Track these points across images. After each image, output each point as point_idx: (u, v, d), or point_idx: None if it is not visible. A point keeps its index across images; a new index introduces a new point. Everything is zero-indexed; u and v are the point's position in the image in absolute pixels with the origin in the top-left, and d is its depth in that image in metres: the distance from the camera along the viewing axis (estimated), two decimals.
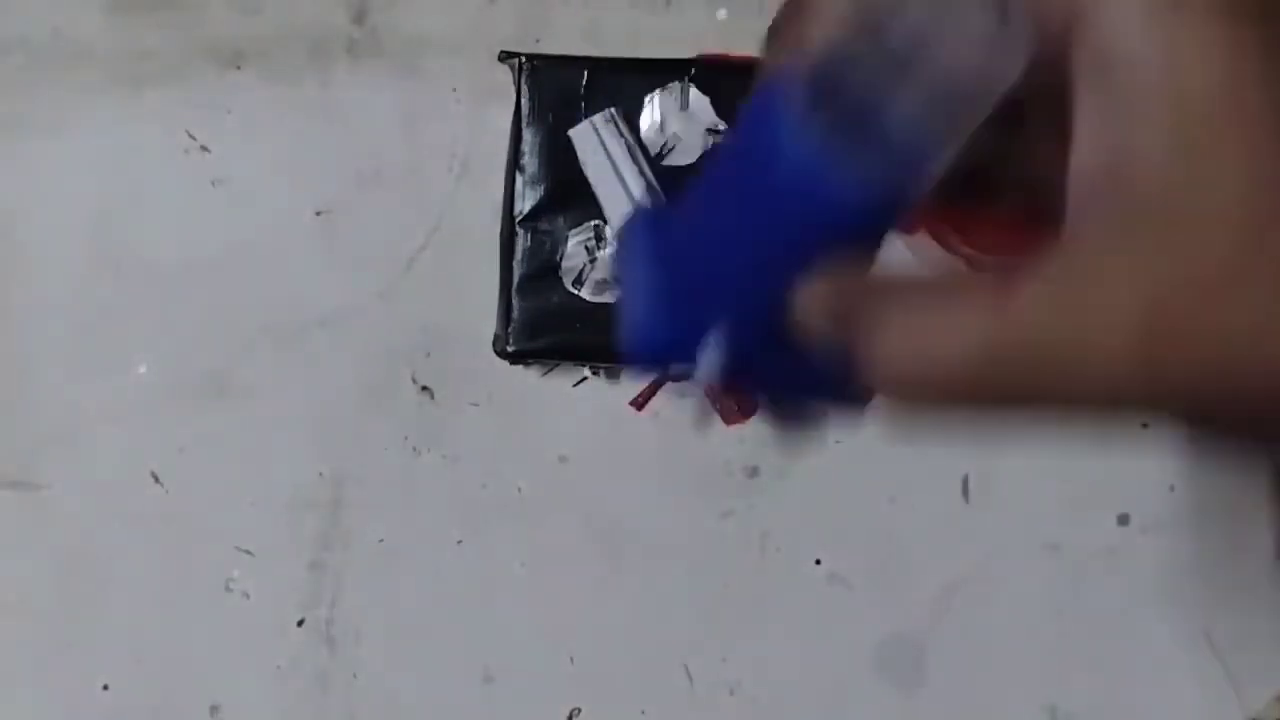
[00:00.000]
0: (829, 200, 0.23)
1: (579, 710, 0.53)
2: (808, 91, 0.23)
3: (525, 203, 0.52)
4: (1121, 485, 0.52)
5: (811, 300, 0.24)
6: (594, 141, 0.51)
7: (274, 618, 0.53)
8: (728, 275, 0.24)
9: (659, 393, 0.51)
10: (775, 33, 0.26)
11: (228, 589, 0.53)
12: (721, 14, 0.54)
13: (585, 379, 0.53)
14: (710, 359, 0.24)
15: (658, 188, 0.51)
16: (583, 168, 0.51)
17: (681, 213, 0.26)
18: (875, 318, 0.23)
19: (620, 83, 0.52)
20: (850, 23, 0.22)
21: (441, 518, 0.53)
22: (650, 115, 0.52)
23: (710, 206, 0.25)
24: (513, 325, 0.52)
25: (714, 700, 0.53)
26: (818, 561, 0.53)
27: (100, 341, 0.54)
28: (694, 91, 0.51)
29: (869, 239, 0.25)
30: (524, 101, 0.52)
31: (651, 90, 0.52)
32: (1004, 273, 0.22)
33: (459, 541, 0.53)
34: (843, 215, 0.23)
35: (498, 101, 0.53)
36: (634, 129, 0.52)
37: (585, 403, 0.53)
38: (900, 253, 0.53)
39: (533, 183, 0.52)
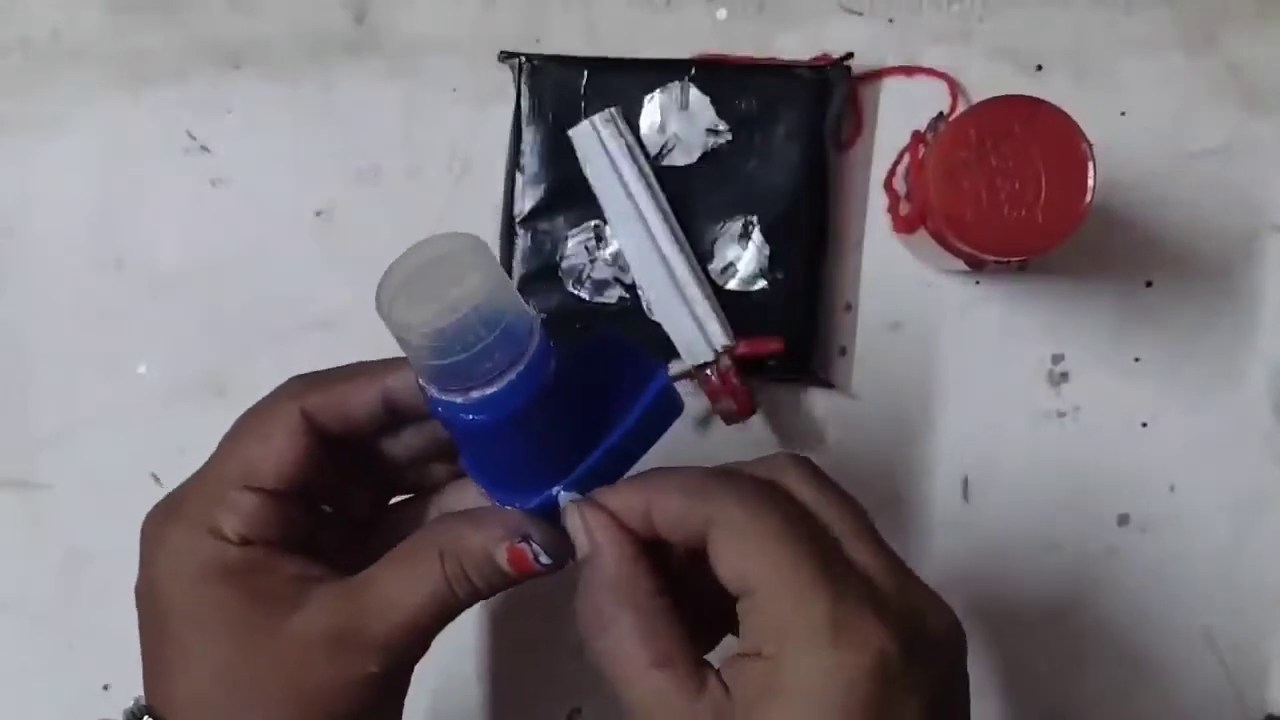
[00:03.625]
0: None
1: (579, 710, 0.53)
2: None
3: (525, 203, 0.52)
4: (1121, 485, 0.53)
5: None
6: (594, 141, 0.51)
7: None
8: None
9: None
10: None
11: None
12: (721, 14, 0.54)
13: None
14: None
15: (658, 188, 0.51)
16: (583, 168, 0.51)
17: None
18: None
19: (620, 83, 0.52)
20: None
21: None
22: (650, 115, 0.52)
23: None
24: None
25: None
26: None
27: (100, 341, 0.54)
28: (694, 91, 0.51)
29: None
30: (524, 101, 0.52)
31: (651, 90, 0.52)
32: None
33: None
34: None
35: (498, 101, 0.53)
36: (634, 129, 0.52)
37: None
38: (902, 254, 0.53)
39: (533, 183, 0.52)
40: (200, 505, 0.38)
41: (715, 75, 0.52)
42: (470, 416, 0.34)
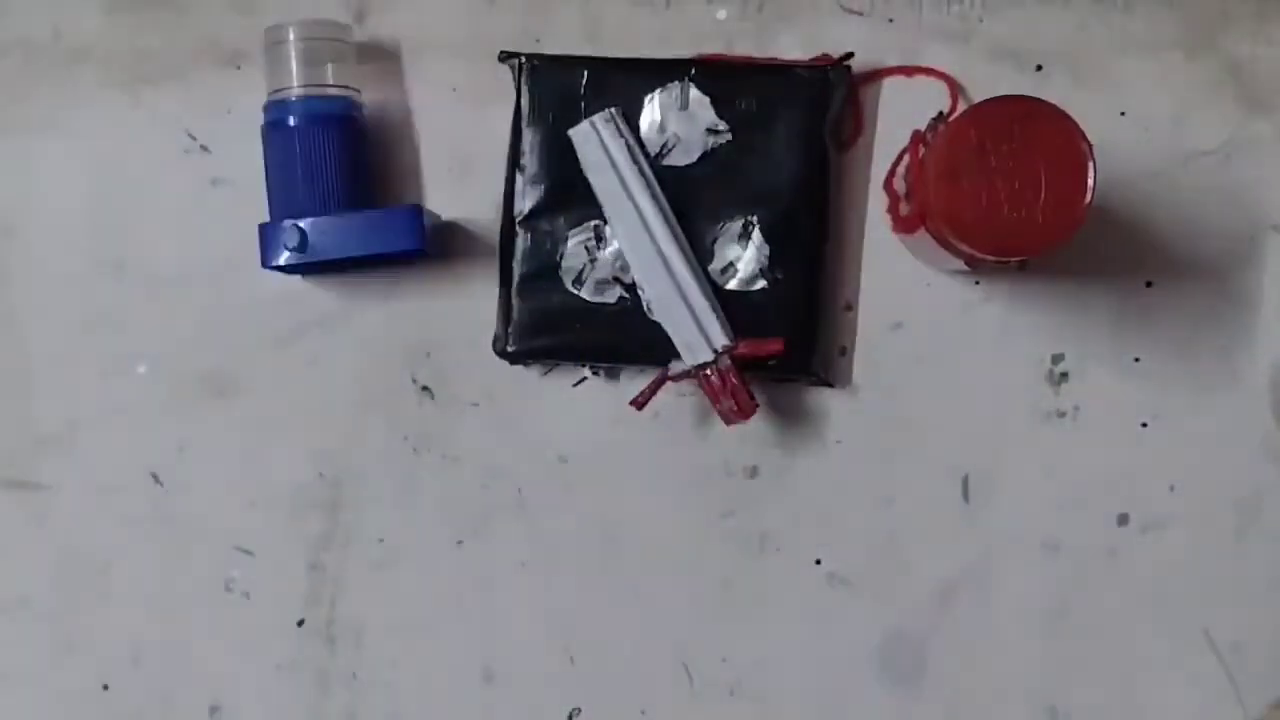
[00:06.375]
0: None
1: (579, 710, 0.53)
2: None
3: (525, 203, 0.52)
4: (1121, 485, 0.53)
5: None
6: (594, 141, 0.51)
7: (274, 618, 0.53)
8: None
9: (659, 393, 0.51)
10: None
11: (228, 589, 0.53)
12: (721, 14, 0.54)
13: (585, 379, 0.53)
14: None
15: (658, 188, 0.51)
16: (583, 168, 0.51)
17: None
18: None
19: (620, 83, 0.52)
20: None
21: (441, 518, 0.53)
22: (650, 115, 0.52)
23: None
24: (513, 325, 0.52)
25: (714, 700, 0.53)
26: (818, 561, 0.53)
27: (100, 341, 0.54)
28: (694, 91, 0.51)
29: None
30: (524, 101, 0.52)
31: (651, 90, 0.52)
32: None
33: (459, 541, 0.53)
34: None
35: (498, 101, 0.53)
36: (634, 129, 0.52)
37: (585, 403, 0.53)
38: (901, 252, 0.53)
39: (533, 183, 0.52)
40: None
41: (715, 75, 0.51)
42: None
